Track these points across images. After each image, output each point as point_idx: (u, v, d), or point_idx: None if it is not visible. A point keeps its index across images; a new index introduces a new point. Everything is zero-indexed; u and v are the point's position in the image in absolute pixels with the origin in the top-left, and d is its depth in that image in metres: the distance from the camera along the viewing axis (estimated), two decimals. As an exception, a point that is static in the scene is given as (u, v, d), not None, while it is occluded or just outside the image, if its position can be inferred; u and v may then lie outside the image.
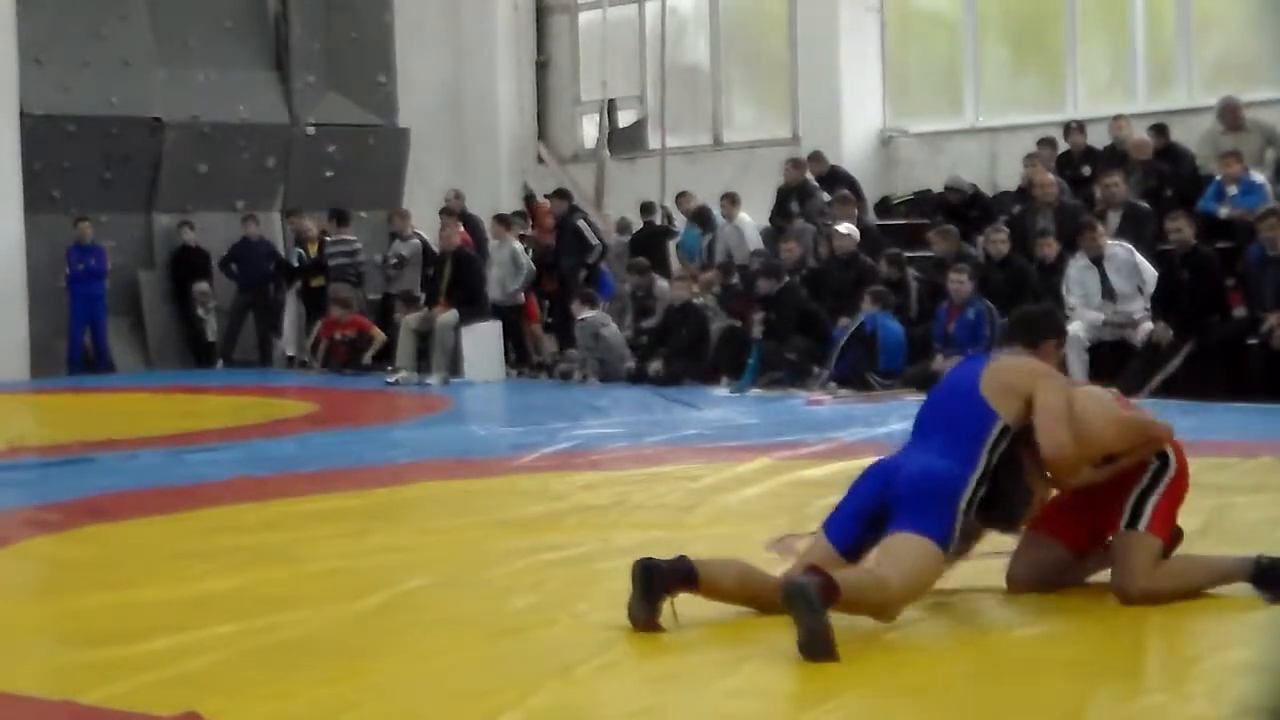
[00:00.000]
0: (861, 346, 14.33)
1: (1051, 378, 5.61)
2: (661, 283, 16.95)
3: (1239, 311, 13.45)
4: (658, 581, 5.19)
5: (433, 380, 16.60)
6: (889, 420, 11.63)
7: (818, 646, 4.78)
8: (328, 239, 19.46)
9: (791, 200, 17.66)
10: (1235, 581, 5.53)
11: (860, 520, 5.41)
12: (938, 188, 17.44)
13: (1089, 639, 5.16)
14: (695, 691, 4.66)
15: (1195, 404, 11.69)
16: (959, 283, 14.03)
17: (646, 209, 19.01)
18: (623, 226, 19.10)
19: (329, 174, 20.75)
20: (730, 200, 17.59)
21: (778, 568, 5.61)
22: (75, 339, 19.05)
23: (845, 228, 15.67)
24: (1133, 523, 5.52)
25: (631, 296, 17.10)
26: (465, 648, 5.15)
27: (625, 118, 22.28)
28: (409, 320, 17.37)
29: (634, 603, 5.21)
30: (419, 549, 6.99)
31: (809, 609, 4.80)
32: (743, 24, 21.35)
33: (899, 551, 5.18)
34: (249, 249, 19.72)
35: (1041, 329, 5.89)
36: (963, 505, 5.29)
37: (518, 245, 17.84)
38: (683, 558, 5.31)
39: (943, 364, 13.78)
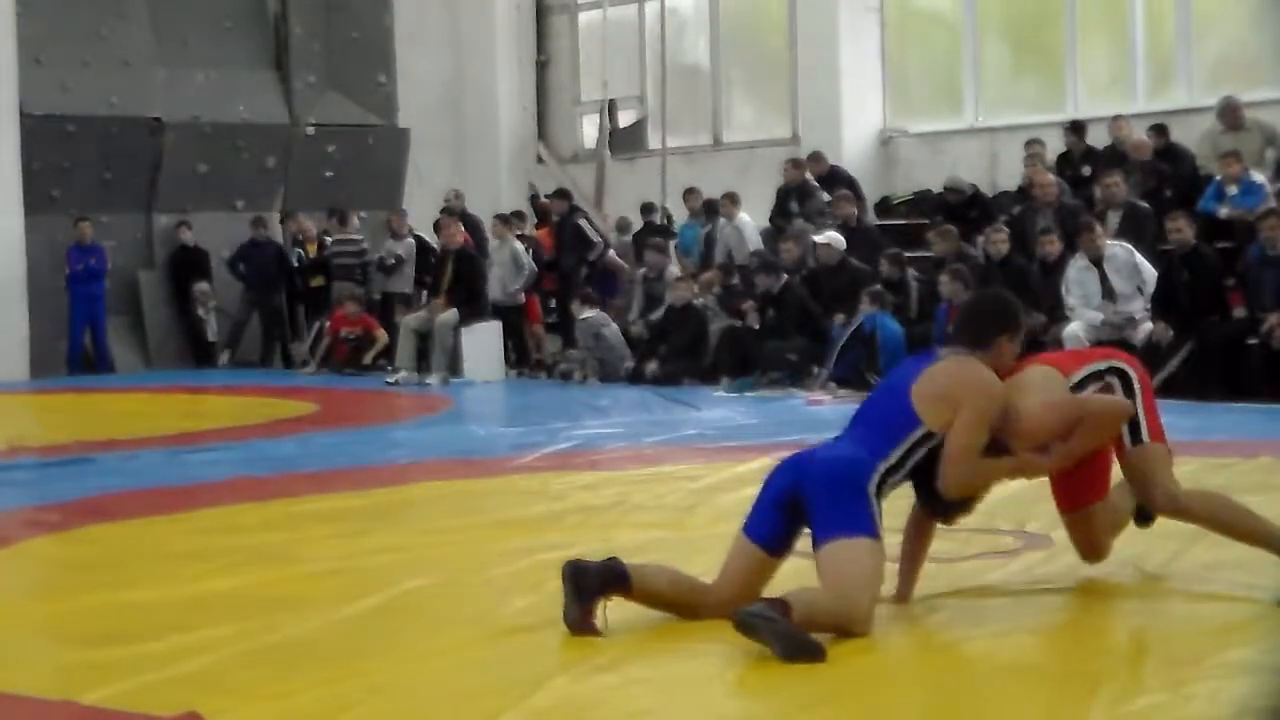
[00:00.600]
0: (861, 346, 14.34)
1: (979, 398, 5.35)
2: (673, 268, 16.95)
3: (1239, 312, 13.46)
4: (587, 583, 5.19)
5: (431, 380, 16.60)
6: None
7: (796, 646, 4.79)
8: (329, 238, 19.48)
9: (791, 200, 17.67)
10: (1268, 548, 5.58)
11: (779, 510, 5.36)
12: (938, 188, 17.43)
13: (1088, 640, 5.16)
14: (695, 692, 4.66)
15: (1195, 404, 11.69)
16: (946, 284, 14.07)
17: (647, 209, 19.02)
18: (622, 226, 19.12)
19: (329, 174, 20.76)
20: (730, 200, 17.61)
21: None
22: (75, 339, 19.05)
23: (826, 237, 15.60)
24: (1135, 439, 5.57)
25: (643, 280, 17.08)
26: (465, 648, 5.15)
27: (625, 118, 22.29)
28: (409, 320, 17.38)
29: (567, 605, 5.20)
30: (419, 549, 6.99)
31: (768, 623, 4.81)
32: (743, 24, 21.35)
33: (842, 564, 5.10)
34: (257, 250, 19.73)
35: (990, 327, 5.56)
36: (871, 490, 5.24)
37: (518, 245, 17.86)
38: (614, 560, 5.30)
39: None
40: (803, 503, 5.27)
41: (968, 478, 5.39)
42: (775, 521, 5.37)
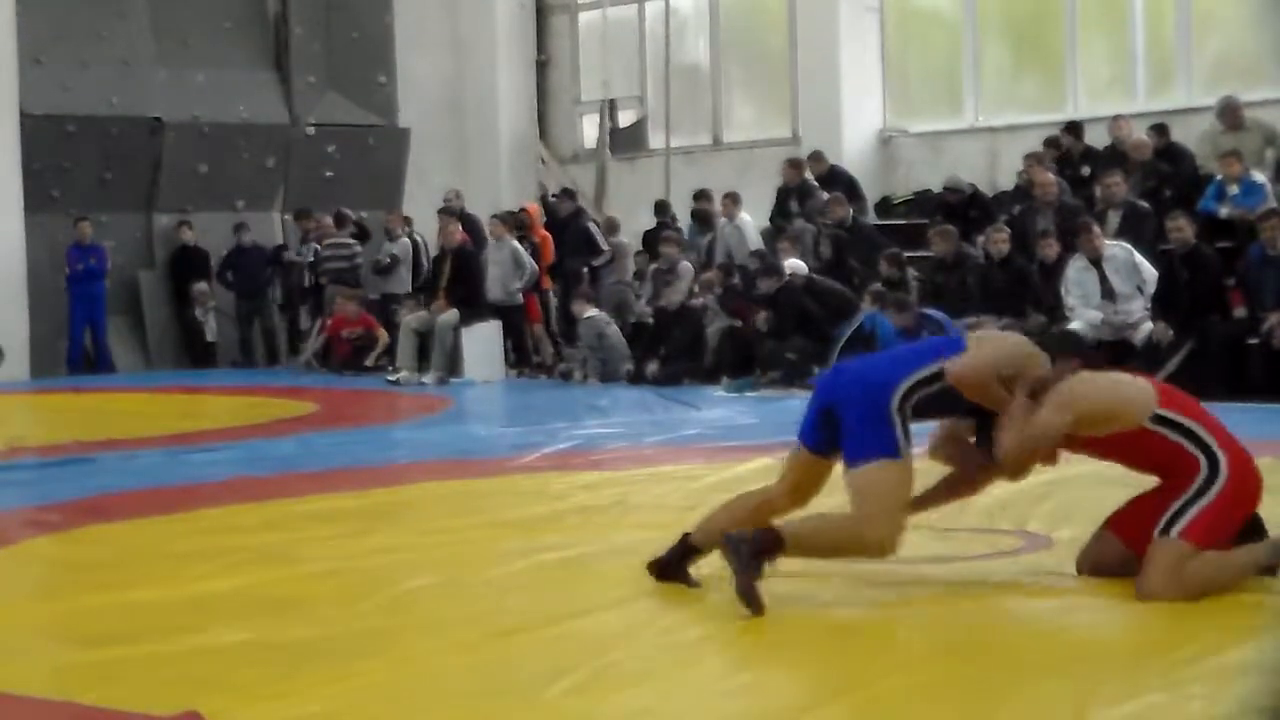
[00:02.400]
0: (861, 346, 14.32)
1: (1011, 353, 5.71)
2: (685, 262, 16.93)
3: (1239, 311, 13.46)
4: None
5: (428, 380, 16.62)
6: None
7: (742, 590, 5.30)
8: (323, 240, 19.44)
9: (791, 200, 17.68)
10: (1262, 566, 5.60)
11: (820, 418, 5.74)
12: (938, 187, 17.46)
13: (1089, 639, 5.16)
14: (695, 692, 4.66)
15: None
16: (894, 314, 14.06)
17: (661, 208, 19.04)
18: (611, 227, 19.01)
19: (329, 174, 20.78)
20: (731, 200, 17.62)
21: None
22: (75, 339, 19.07)
23: (791, 265, 15.52)
24: (1166, 529, 5.53)
25: (655, 274, 17.07)
26: (465, 648, 5.15)
27: (625, 118, 22.30)
28: (409, 320, 17.39)
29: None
30: (419, 549, 6.98)
31: (737, 553, 5.34)
32: (743, 24, 21.37)
33: (862, 487, 5.52)
34: (244, 256, 19.76)
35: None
36: (895, 404, 5.55)
37: (517, 244, 17.87)
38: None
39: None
40: (835, 420, 5.64)
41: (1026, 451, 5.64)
42: (820, 428, 5.74)
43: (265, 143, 20.45)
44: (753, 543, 5.36)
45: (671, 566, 5.81)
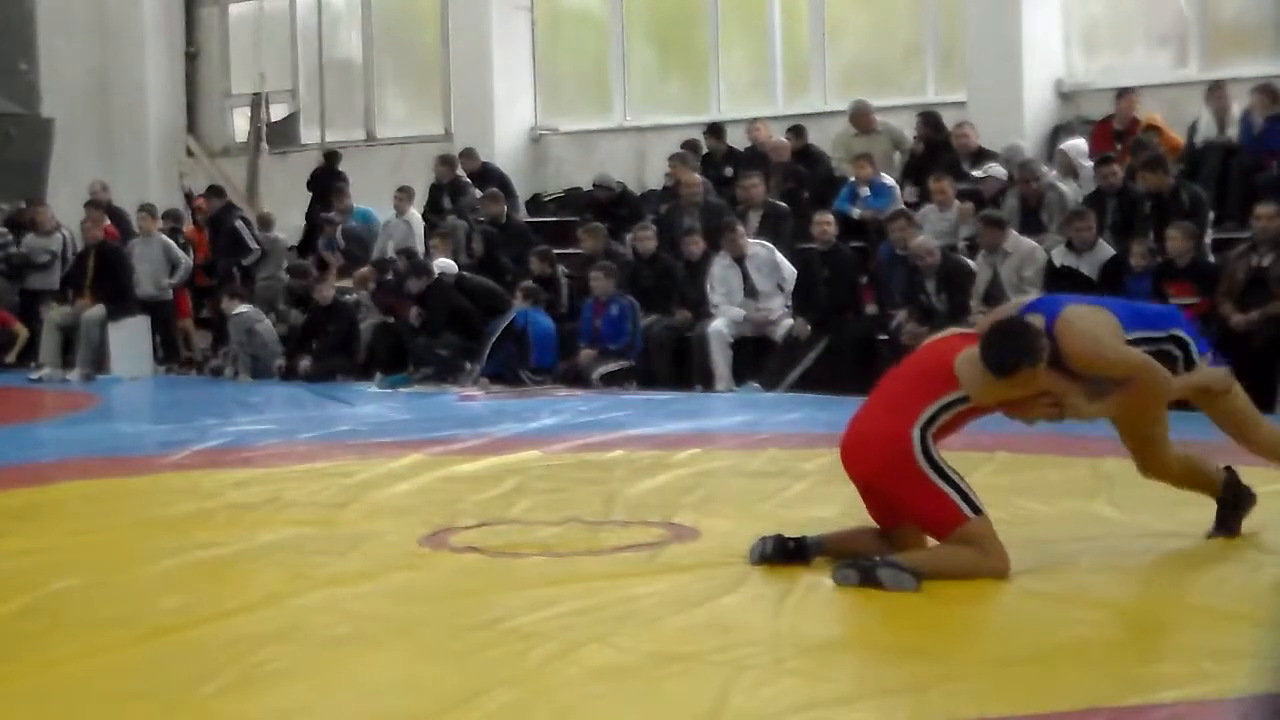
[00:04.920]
0: (513, 342, 14.54)
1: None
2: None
3: (871, 309, 14.09)
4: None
5: (73, 376, 16.25)
6: (541, 415, 11.88)
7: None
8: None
9: (444, 197, 17.78)
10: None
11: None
12: (587, 185, 17.75)
13: (1103, 623, 5.30)
14: (347, 690, 4.71)
15: (831, 397, 12.20)
16: (597, 280, 14.43)
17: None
18: (264, 223, 18.82)
19: (-35, 164, 20.05)
20: (404, 195, 17.58)
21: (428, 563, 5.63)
22: None
23: (441, 264, 15.71)
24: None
25: (287, 291, 17.01)
26: (113, 650, 5.06)
27: (277, 111, 22.07)
28: (53, 315, 16.96)
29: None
30: (64, 550, 6.83)
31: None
32: (395, 20, 21.37)
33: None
34: None
35: (1013, 355, 5.75)
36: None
37: (167, 238, 17.57)
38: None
39: (589, 360, 14.15)
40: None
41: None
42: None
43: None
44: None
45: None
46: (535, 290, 14.82)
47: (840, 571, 5.64)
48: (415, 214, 17.58)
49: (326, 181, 18.84)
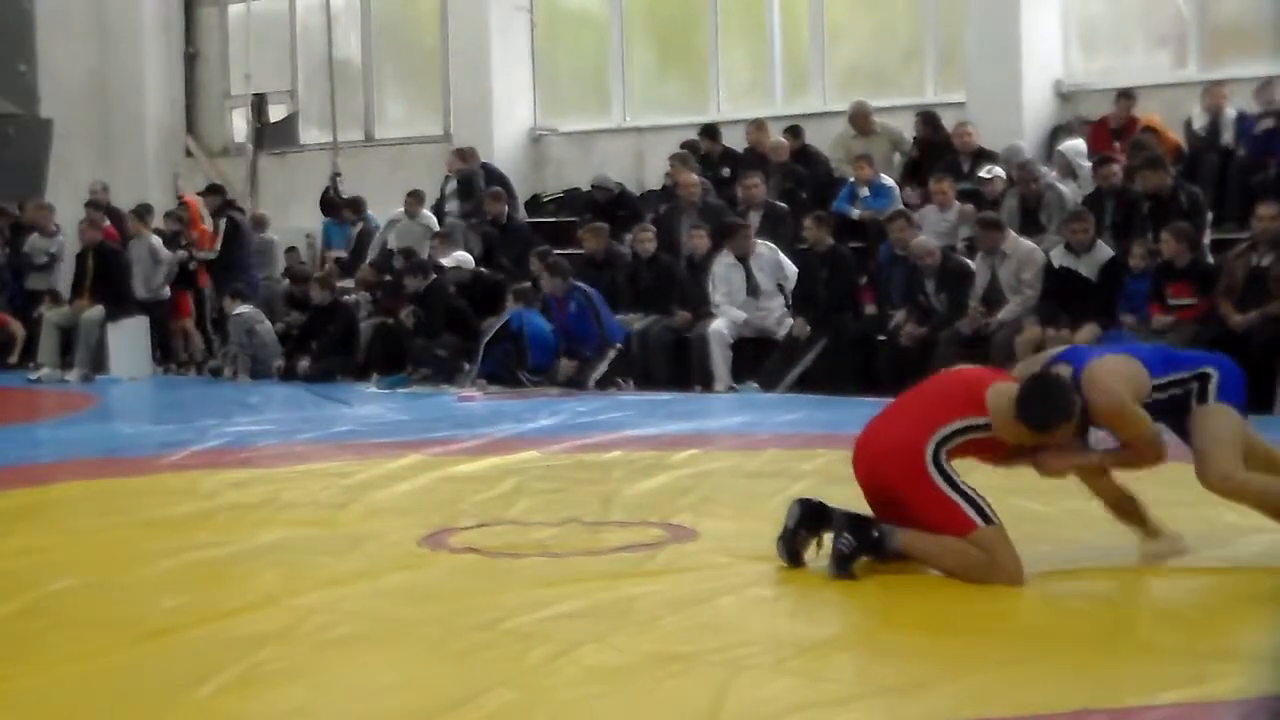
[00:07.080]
0: (509, 343, 14.51)
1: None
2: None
3: (870, 309, 14.09)
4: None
5: (71, 377, 16.25)
6: (539, 416, 11.89)
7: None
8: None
9: (450, 194, 17.76)
10: None
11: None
12: (586, 186, 17.75)
13: (1102, 620, 5.33)
14: (347, 690, 4.73)
15: (829, 397, 12.21)
16: (545, 280, 14.46)
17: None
18: (260, 223, 18.83)
19: (-36, 165, 20.03)
20: (414, 199, 17.55)
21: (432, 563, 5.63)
22: None
23: (454, 259, 15.73)
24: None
25: (287, 296, 17.01)
26: (113, 651, 5.06)
27: (276, 112, 22.06)
28: (51, 316, 16.97)
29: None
30: (63, 550, 6.83)
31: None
32: (394, 20, 21.36)
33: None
34: None
35: (1053, 413, 5.79)
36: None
37: (155, 240, 17.56)
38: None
39: (569, 370, 14.16)
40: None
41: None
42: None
43: (-104, 132, 19.65)
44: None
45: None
46: (528, 291, 14.78)
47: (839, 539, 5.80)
48: (428, 214, 17.53)
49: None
